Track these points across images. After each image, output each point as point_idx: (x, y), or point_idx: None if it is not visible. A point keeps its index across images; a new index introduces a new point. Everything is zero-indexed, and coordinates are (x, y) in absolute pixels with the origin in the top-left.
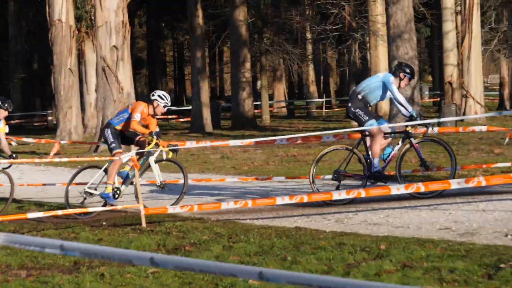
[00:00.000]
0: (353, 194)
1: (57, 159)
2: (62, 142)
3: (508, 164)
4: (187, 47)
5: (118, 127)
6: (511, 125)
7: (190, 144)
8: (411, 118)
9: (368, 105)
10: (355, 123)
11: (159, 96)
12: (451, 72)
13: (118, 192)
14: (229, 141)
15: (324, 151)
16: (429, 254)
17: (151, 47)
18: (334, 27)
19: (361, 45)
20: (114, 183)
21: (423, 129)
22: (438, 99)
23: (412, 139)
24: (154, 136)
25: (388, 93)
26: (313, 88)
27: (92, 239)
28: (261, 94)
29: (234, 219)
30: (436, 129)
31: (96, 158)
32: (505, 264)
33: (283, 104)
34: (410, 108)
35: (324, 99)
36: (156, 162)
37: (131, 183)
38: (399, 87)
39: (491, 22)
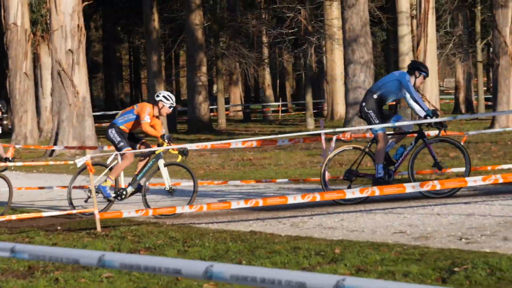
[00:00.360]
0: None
1: (11, 163)
2: (17, 146)
3: (462, 169)
4: (143, 50)
5: (123, 127)
6: (466, 129)
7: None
8: (426, 117)
9: (384, 105)
10: (309, 127)
11: (164, 96)
12: None
13: (124, 193)
14: (185, 145)
15: (334, 151)
16: (383, 258)
17: (107, 50)
18: (290, 31)
19: (317, 49)
20: (116, 181)
21: (434, 133)
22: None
23: (426, 139)
24: (166, 140)
25: (404, 91)
26: (269, 92)
27: (46, 243)
28: (217, 98)
29: (189, 223)
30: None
31: (51, 163)
32: (459, 268)
33: (239, 108)
34: (426, 107)
35: (280, 103)
36: (165, 165)
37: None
38: (414, 85)
39: (446, 26)
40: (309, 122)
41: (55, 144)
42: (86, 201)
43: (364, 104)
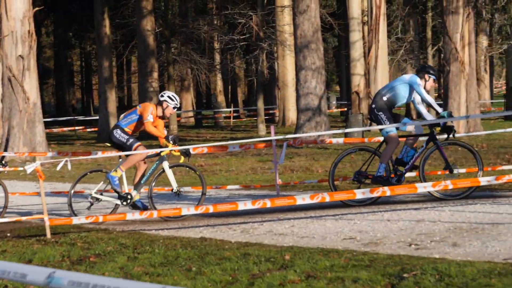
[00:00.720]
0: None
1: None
2: None
3: (413, 174)
4: (95, 56)
5: (126, 129)
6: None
7: (96, 154)
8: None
9: (393, 108)
10: (260, 132)
11: (168, 97)
12: (358, 81)
13: (129, 197)
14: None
15: (341, 154)
16: (333, 264)
17: (58, 56)
18: (241, 37)
19: (268, 55)
20: (121, 186)
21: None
22: (346, 108)
23: (437, 141)
24: (171, 141)
25: (414, 95)
26: (221, 98)
27: None
28: None
29: (139, 229)
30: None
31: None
32: (408, 274)
33: (191, 114)
34: (439, 109)
35: (232, 109)
36: (170, 167)
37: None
38: (424, 89)
39: (397, 32)
40: (261, 128)
41: (5, 150)
42: (88, 208)
43: (373, 106)
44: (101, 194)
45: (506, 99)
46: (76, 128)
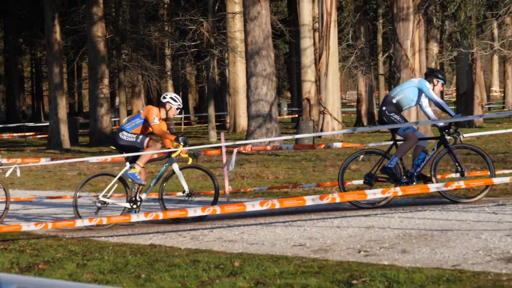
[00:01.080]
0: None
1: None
2: None
3: (362, 181)
4: (45, 62)
5: (131, 133)
6: (367, 141)
7: (46, 160)
8: (452, 122)
9: (401, 111)
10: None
11: (171, 98)
12: (309, 88)
13: (139, 200)
14: (86, 157)
15: (350, 157)
16: (282, 271)
17: (9, 62)
18: (192, 43)
19: (219, 61)
20: (128, 189)
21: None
22: (296, 115)
23: (448, 145)
24: (181, 142)
25: (422, 99)
26: None
27: None
28: (119, 110)
29: (89, 236)
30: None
31: None
32: (357, 280)
33: None
34: (452, 112)
35: (182, 115)
36: (180, 169)
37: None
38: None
39: (348, 39)
40: (211, 135)
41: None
42: (96, 213)
43: (384, 108)
44: (108, 198)
45: (456, 105)
46: (26, 134)
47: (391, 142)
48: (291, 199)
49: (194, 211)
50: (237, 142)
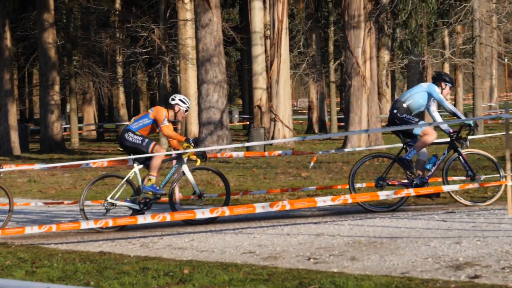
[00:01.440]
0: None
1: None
2: None
3: (313, 188)
4: None
5: (138, 133)
6: (318, 149)
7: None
8: (462, 127)
9: (411, 115)
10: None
11: (180, 100)
12: (260, 95)
13: (150, 202)
14: (36, 164)
15: (359, 161)
16: (232, 278)
17: None
18: (144, 50)
19: (171, 68)
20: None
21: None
22: (248, 122)
23: (459, 149)
24: (192, 143)
25: (430, 103)
26: (123, 111)
27: None
28: (70, 117)
29: (38, 243)
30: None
31: None
32: None
33: (93, 127)
34: (463, 117)
35: None
36: (192, 170)
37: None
38: None
39: (300, 46)
40: (162, 142)
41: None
42: (105, 215)
43: (395, 111)
44: (116, 200)
45: None
46: None
47: (386, 146)
48: (241, 207)
49: (144, 218)
50: (187, 150)
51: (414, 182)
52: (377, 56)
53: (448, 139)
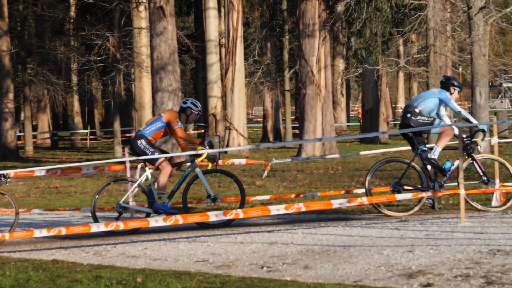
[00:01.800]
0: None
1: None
2: None
3: (267, 197)
4: None
5: (150, 138)
6: (273, 157)
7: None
8: (475, 132)
9: None
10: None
11: (192, 103)
12: (215, 104)
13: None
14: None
15: (374, 167)
16: (185, 287)
17: None
18: (98, 58)
19: (125, 77)
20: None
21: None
22: (203, 130)
23: (473, 154)
24: (207, 146)
25: (441, 108)
26: (78, 119)
27: None
28: (24, 125)
29: None
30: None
31: None
32: None
33: (47, 135)
34: (475, 121)
35: (88, 130)
36: (205, 173)
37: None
38: None
39: (255, 54)
40: (117, 150)
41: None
42: (117, 218)
43: (409, 115)
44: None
45: (361, 122)
46: None
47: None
48: (195, 215)
49: (97, 227)
50: (140, 157)
51: (433, 184)
52: (332, 65)
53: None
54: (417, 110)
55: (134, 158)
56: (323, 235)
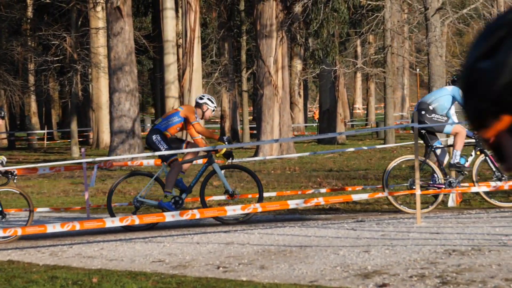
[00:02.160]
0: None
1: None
2: None
3: (223, 197)
4: None
5: (166, 133)
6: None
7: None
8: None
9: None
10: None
11: (208, 99)
12: (172, 104)
13: (180, 201)
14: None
15: (393, 162)
16: (141, 287)
17: None
18: (55, 58)
19: (83, 77)
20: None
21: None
22: None
23: (485, 151)
24: (226, 142)
25: (452, 107)
26: (35, 120)
27: None
28: None
29: None
30: None
31: None
32: None
33: (4, 135)
34: None
35: (45, 131)
36: (222, 168)
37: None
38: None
39: (212, 55)
40: (74, 151)
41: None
42: (134, 213)
43: (423, 112)
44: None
45: (319, 122)
46: None
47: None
48: (151, 215)
49: (53, 227)
50: (98, 158)
51: (450, 180)
52: (290, 66)
53: (473, 140)
54: (431, 107)
55: (90, 159)
56: (280, 235)
